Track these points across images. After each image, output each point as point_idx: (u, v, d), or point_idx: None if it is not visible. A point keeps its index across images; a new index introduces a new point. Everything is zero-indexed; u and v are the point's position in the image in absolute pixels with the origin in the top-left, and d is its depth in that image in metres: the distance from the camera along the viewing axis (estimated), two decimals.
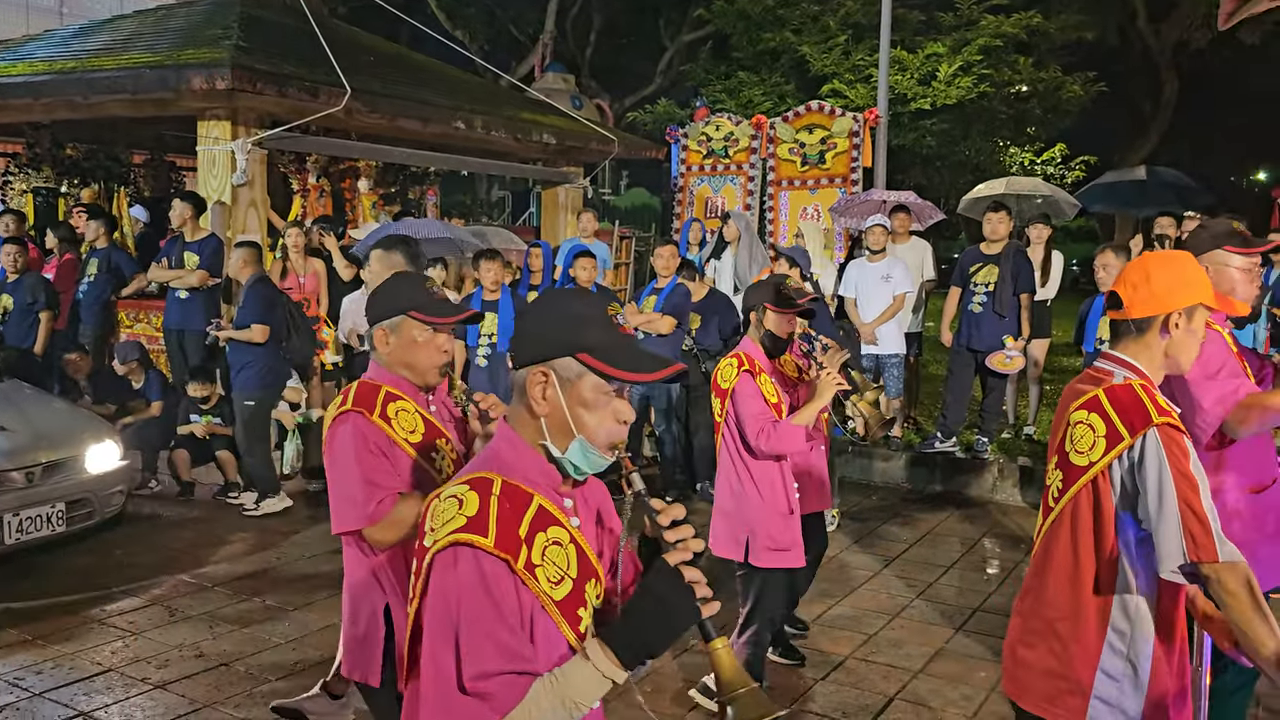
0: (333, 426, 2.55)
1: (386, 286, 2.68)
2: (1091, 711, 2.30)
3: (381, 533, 2.46)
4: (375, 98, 8.72)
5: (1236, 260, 3.24)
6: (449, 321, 2.60)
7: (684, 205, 11.67)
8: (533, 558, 1.63)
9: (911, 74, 15.29)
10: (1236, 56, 21.06)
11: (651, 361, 1.69)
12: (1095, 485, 2.29)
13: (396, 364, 2.62)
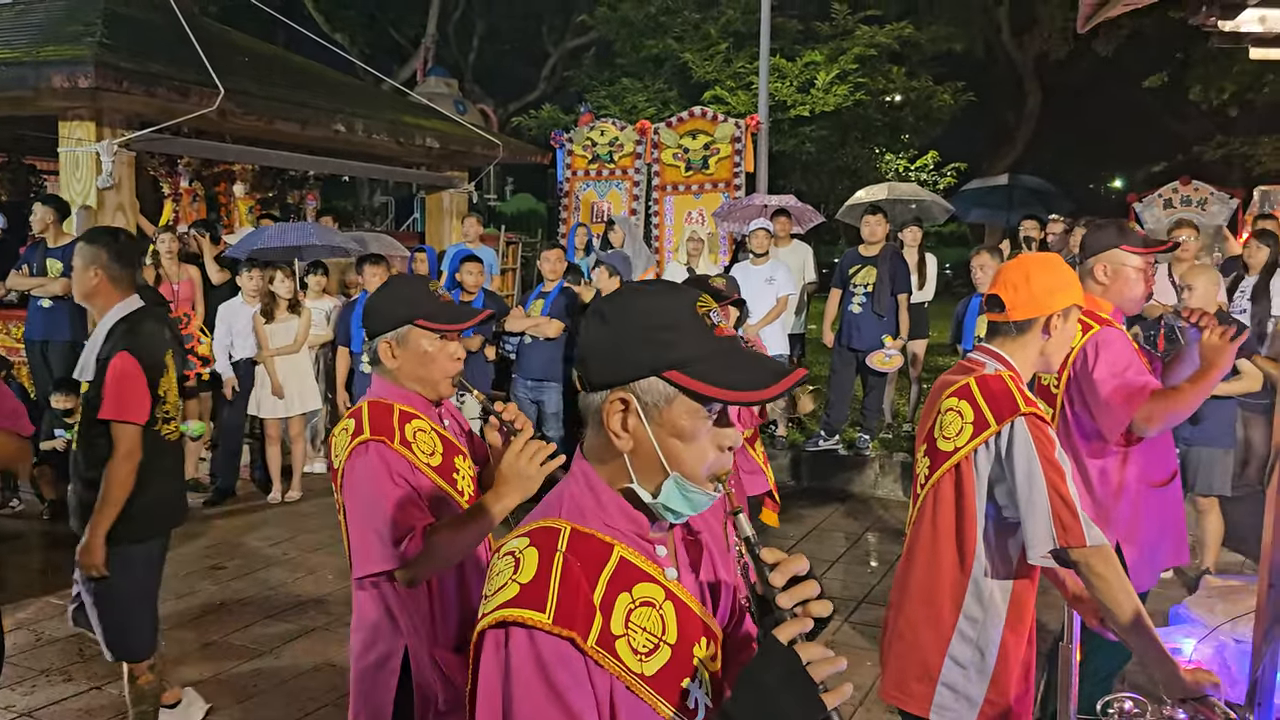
0: (352, 458, 2.30)
1: (385, 294, 2.46)
2: (937, 698, 2.36)
3: (414, 571, 2.25)
4: (250, 98, 8.46)
5: (1133, 260, 3.30)
6: (460, 327, 2.40)
7: (570, 210, 11.68)
8: (612, 627, 1.30)
9: (791, 81, 15.67)
10: (1093, 68, 22.24)
11: (764, 371, 1.33)
12: (959, 471, 2.36)
13: (407, 378, 2.40)
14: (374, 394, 2.42)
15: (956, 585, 2.35)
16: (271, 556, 6.38)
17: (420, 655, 2.33)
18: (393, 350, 2.39)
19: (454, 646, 2.36)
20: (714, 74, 16.14)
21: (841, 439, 8.19)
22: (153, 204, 10.17)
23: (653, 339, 1.32)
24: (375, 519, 2.24)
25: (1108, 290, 3.35)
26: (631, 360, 1.33)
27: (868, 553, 6.55)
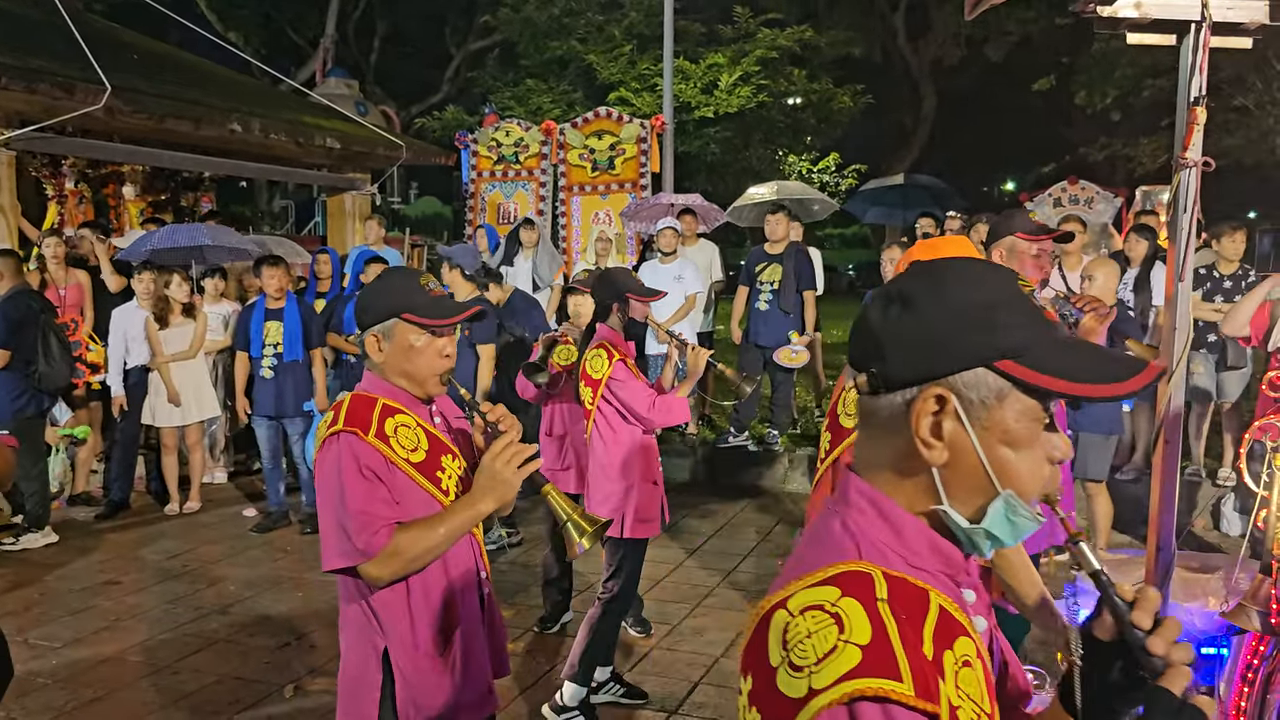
0: (322, 449, 2.24)
1: (376, 286, 2.40)
2: None
3: (377, 569, 2.16)
4: (140, 96, 8.16)
5: (1028, 246, 3.50)
6: (447, 323, 2.29)
7: (476, 212, 11.56)
8: (951, 696, 1.02)
9: (695, 83, 15.80)
10: (984, 73, 22.95)
11: (1109, 361, 1.11)
12: None
13: (393, 373, 2.31)
14: (361, 387, 2.35)
15: None
16: (170, 570, 6.16)
17: (400, 659, 2.25)
18: (379, 344, 2.31)
19: (436, 651, 2.27)
20: (618, 75, 16.18)
21: (751, 435, 8.28)
22: (36, 207, 9.72)
23: (979, 321, 1.06)
24: (339, 513, 2.17)
25: None
26: (955, 346, 1.06)
27: (778, 545, 6.63)
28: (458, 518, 2.18)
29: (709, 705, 4.32)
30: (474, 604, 2.36)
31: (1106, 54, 16.46)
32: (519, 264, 8.95)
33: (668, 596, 5.64)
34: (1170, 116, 2.73)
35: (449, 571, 2.30)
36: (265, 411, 6.89)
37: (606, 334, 4.22)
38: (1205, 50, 2.24)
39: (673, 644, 4.99)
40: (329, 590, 5.79)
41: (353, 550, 2.15)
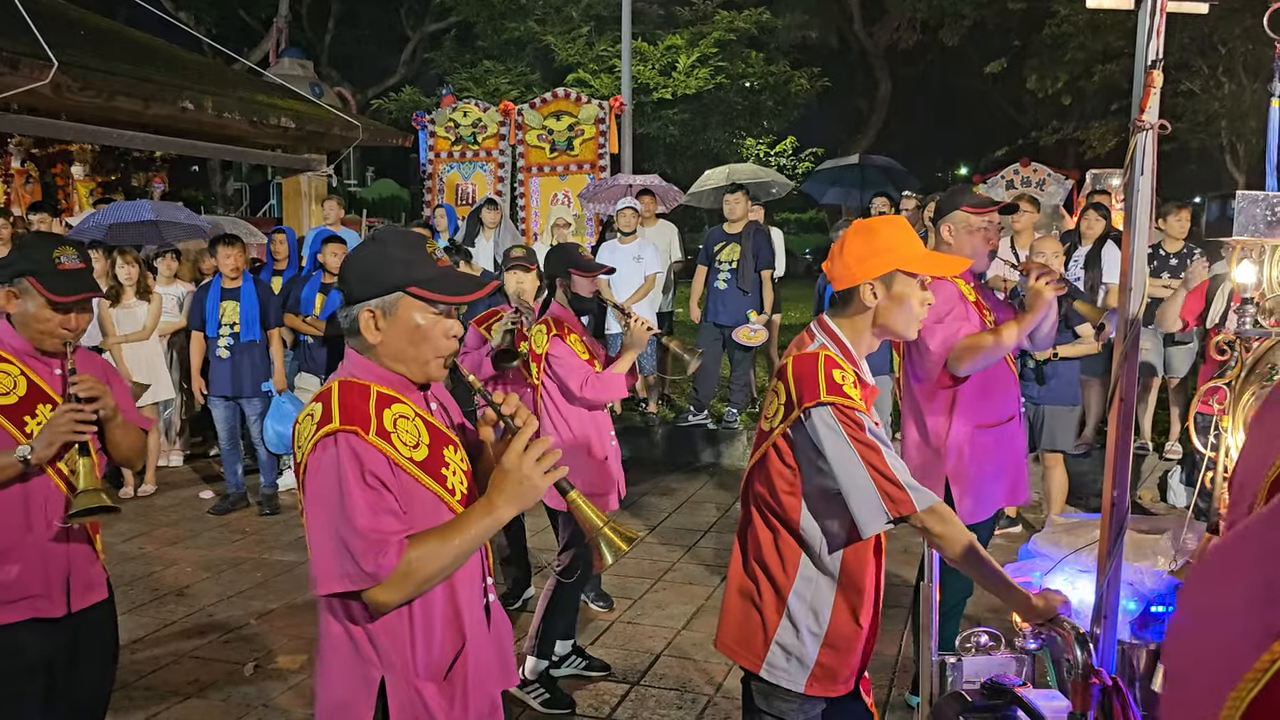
0: (316, 452, 1.89)
1: (373, 251, 2.02)
2: (770, 655, 2.40)
3: (387, 594, 1.87)
4: (88, 73, 8.01)
5: (974, 219, 3.58)
6: (463, 300, 1.99)
7: (434, 193, 11.48)
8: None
9: (653, 65, 15.79)
10: (940, 58, 23.14)
11: None
12: (778, 449, 2.36)
13: (390, 356, 1.99)
14: (347, 372, 2.01)
15: (791, 549, 2.37)
16: (126, 552, 6.09)
17: (399, 691, 1.96)
18: (376, 321, 1.97)
19: (440, 677, 2.00)
20: (576, 57, 16.11)
21: (710, 414, 8.34)
22: None
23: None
24: (341, 529, 1.85)
25: (954, 248, 3.61)
26: None
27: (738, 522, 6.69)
28: (475, 527, 1.89)
29: (670, 677, 4.37)
30: (479, 614, 2.09)
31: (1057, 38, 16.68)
32: (480, 244, 8.93)
33: (629, 572, 5.68)
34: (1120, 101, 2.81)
35: (454, 584, 2.01)
36: (222, 392, 6.82)
37: (554, 310, 4.26)
38: (1163, 14, 2.30)
39: (634, 617, 5.04)
40: (288, 570, 5.77)
41: (359, 574, 1.84)
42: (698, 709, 4.07)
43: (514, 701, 4.14)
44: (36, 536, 2.63)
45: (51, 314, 2.62)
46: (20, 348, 2.68)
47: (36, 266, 2.62)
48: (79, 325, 2.68)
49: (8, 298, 2.65)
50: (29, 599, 2.61)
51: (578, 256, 4.30)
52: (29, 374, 2.66)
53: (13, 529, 2.60)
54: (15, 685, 2.61)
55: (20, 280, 2.63)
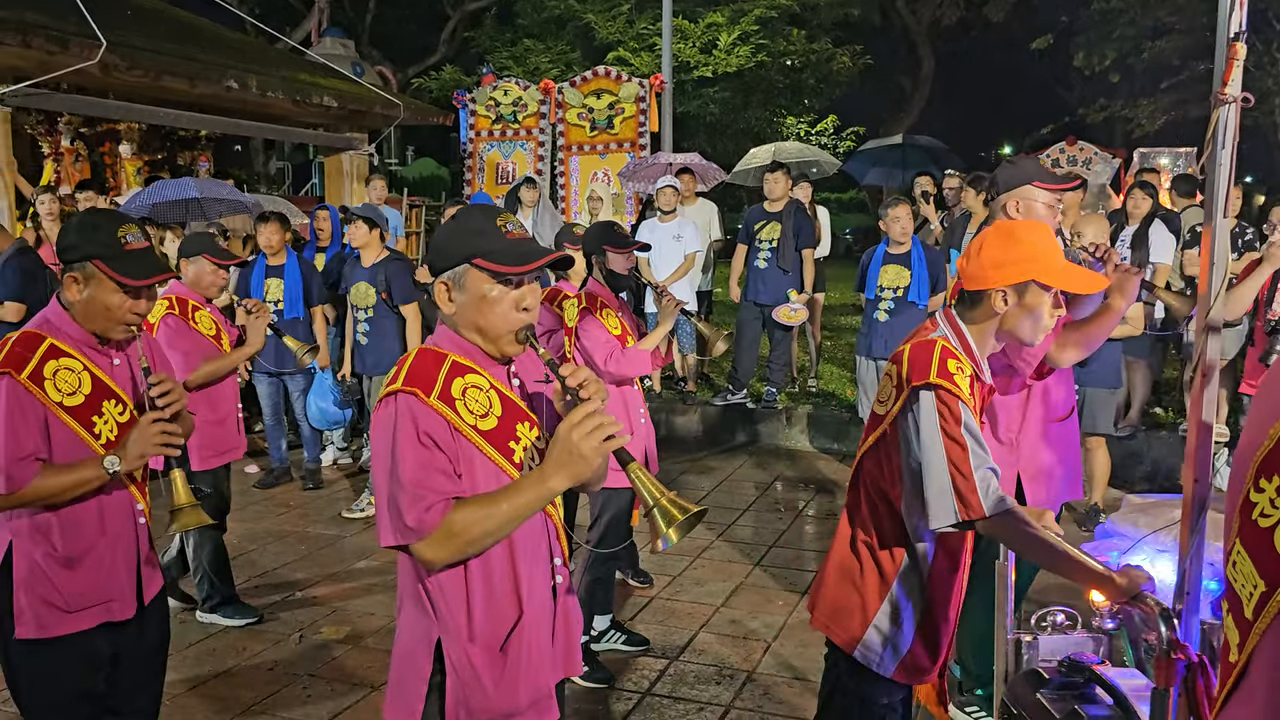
0: (379, 409, 1.97)
1: (449, 226, 2.09)
2: (866, 637, 2.39)
3: (432, 550, 1.90)
4: (136, 52, 8.12)
5: (1042, 195, 3.41)
6: (524, 270, 1.98)
7: (474, 171, 11.53)
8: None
9: (693, 42, 15.69)
10: (984, 34, 22.79)
11: None
12: (891, 433, 2.34)
13: (465, 327, 2.03)
14: (432, 340, 2.08)
15: (897, 536, 2.36)
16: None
17: (453, 652, 2.00)
18: (449, 292, 2.03)
19: (495, 647, 2.02)
20: (616, 35, 16.06)
21: (749, 393, 8.32)
22: (33, 165, 9.69)
23: None
24: (391, 483, 1.91)
25: None
26: None
27: (776, 501, 6.70)
28: (525, 495, 1.91)
29: (709, 653, 4.39)
30: (543, 594, 2.08)
31: (1106, 14, 16.37)
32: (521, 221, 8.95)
33: (668, 550, 5.70)
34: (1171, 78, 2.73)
35: (515, 555, 2.02)
36: (266, 368, 6.91)
37: (590, 286, 4.29)
38: None
39: (673, 594, 5.06)
40: (331, 544, 5.86)
41: (403, 527, 1.89)
42: (736, 685, 4.09)
43: None
44: (110, 541, 2.55)
45: (122, 299, 2.45)
46: (80, 338, 2.51)
47: (103, 249, 2.43)
48: (148, 311, 2.54)
49: (71, 284, 2.46)
50: (103, 604, 2.54)
51: (612, 233, 4.31)
52: (91, 368, 2.51)
53: (88, 536, 2.52)
54: (84, 686, 2.55)
55: (85, 265, 2.44)
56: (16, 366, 2.39)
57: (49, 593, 2.47)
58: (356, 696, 3.99)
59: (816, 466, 7.52)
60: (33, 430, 2.40)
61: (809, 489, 6.93)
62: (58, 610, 2.47)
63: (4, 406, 2.38)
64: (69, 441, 2.45)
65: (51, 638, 2.48)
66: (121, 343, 2.58)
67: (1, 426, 2.37)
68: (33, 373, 2.40)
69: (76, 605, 2.50)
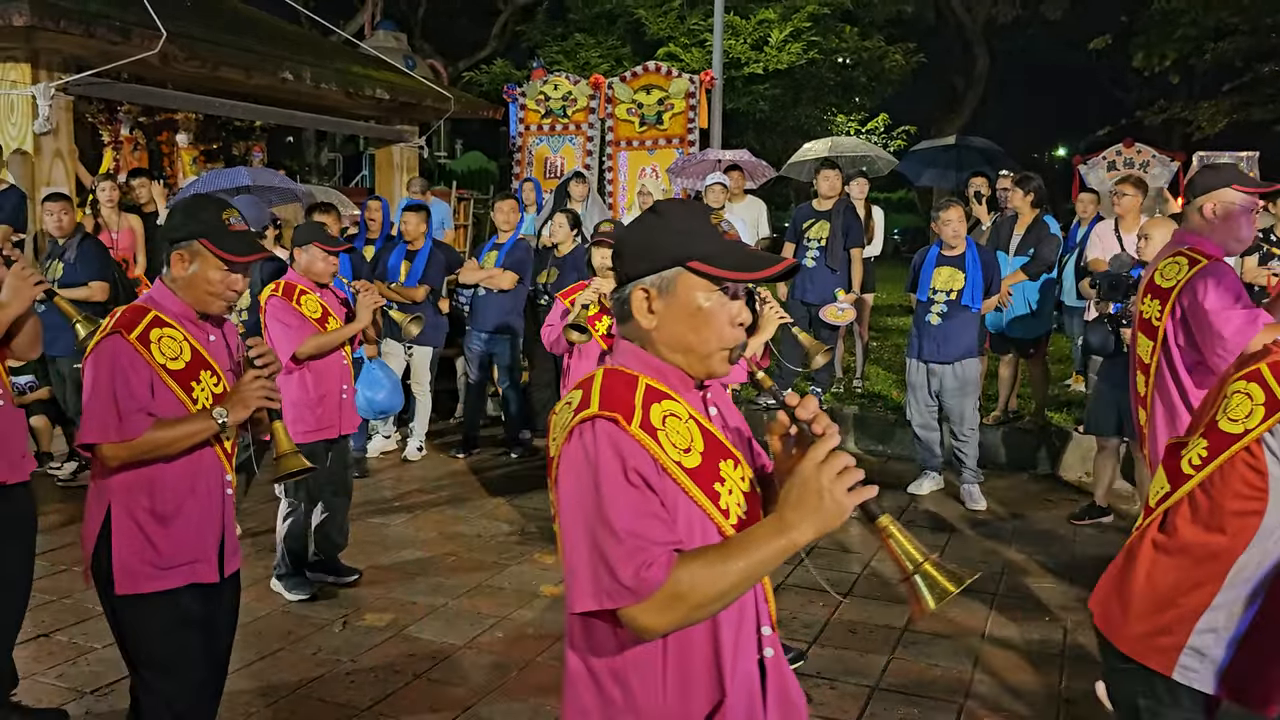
0: (570, 442, 1.61)
1: (649, 222, 1.73)
2: (1183, 659, 2.26)
3: (650, 615, 1.52)
4: (194, 43, 8.23)
5: (1240, 198, 3.42)
6: (754, 277, 1.68)
7: (523, 165, 11.57)
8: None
9: (744, 39, 15.63)
10: (1040, 33, 22.44)
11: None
12: (1250, 452, 2.20)
13: (667, 345, 1.68)
14: (615, 361, 1.73)
15: (1228, 555, 2.22)
16: None
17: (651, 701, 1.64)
18: (650, 302, 1.67)
19: None
20: (667, 31, 16.05)
21: (794, 392, 8.26)
22: (92, 152, 9.89)
23: None
24: (598, 533, 1.54)
25: (1214, 229, 3.46)
26: None
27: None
28: (762, 549, 1.52)
29: None
30: (748, 670, 1.70)
31: (1167, 14, 16.04)
32: None
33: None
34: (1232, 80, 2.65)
35: (716, 620, 1.64)
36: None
37: None
38: None
39: None
40: (375, 532, 5.91)
41: (617, 588, 1.52)
42: None
43: None
44: (198, 502, 2.70)
45: (224, 275, 2.64)
46: (180, 313, 2.70)
47: (208, 229, 2.64)
48: (243, 288, 2.73)
49: (178, 261, 2.67)
50: (190, 564, 2.69)
51: None
52: (190, 340, 2.69)
53: (180, 493, 2.67)
54: (183, 638, 2.71)
55: (191, 243, 2.65)
56: (126, 328, 2.60)
57: (144, 549, 2.63)
58: (399, 683, 4.02)
59: (860, 468, 7.43)
60: (144, 385, 2.58)
61: None
62: (152, 567, 2.64)
63: (114, 362, 2.57)
64: (171, 404, 2.63)
65: (147, 593, 2.64)
66: (218, 319, 2.77)
67: (116, 380, 2.56)
68: (140, 335, 2.60)
69: (167, 563, 2.65)
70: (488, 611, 4.74)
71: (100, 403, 2.56)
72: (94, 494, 2.72)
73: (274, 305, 4.78)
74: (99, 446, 2.58)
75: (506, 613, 4.72)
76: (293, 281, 4.89)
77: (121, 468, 2.61)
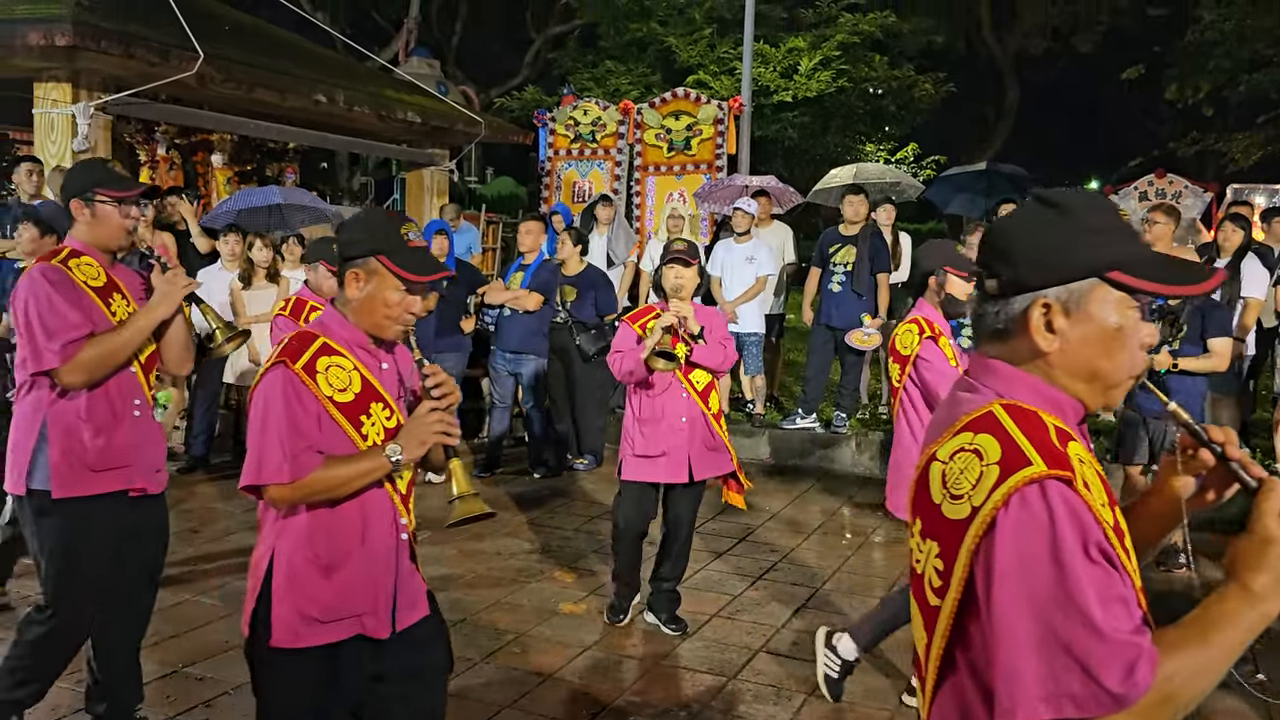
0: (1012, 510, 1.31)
1: (1045, 220, 1.44)
2: None
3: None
4: (230, 65, 8.38)
5: None
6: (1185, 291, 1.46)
7: (551, 190, 11.64)
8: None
9: (774, 67, 15.71)
10: (1072, 65, 22.39)
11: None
12: None
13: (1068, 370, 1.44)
14: (1000, 391, 1.44)
15: None
16: (248, 521, 6.33)
17: None
18: (1052, 319, 1.41)
19: None
20: (697, 58, 16.16)
21: (818, 418, 8.23)
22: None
23: None
24: (1063, 624, 1.26)
25: None
26: None
27: (843, 525, 6.60)
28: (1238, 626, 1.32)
29: (767, 674, 4.32)
30: None
31: (1201, 46, 15.96)
32: (594, 240, 9.00)
33: (728, 568, 5.65)
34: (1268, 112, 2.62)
35: None
36: None
37: (924, 310, 3.92)
38: None
39: (732, 613, 5.00)
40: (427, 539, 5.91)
41: (1099, 694, 1.25)
42: (794, 707, 4.01)
43: None
44: (369, 549, 2.43)
45: (401, 296, 2.38)
46: (351, 339, 2.44)
47: (386, 244, 2.39)
48: (421, 311, 2.46)
49: (352, 281, 2.41)
50: (357, 617, 2.42)
51: (955, 256, 3.93)
52: (361, 369, 2.43)
53: (348, 540, 2.40)
54: (321, 702, 2.44)
55: (368, 260, 2.39)
56: (292, 357, 2.35)
57: (305, 602, 2.37)
58: None
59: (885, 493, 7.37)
60: (312, 420, 2.34)
61: (877, 515, 6.80)
62: (312, 620, 2.38)
63: (282, 395, 2.33)
64: (338, 439, 2.37)
65: (302, 648, 2.38)
66: (390, 345, 2.52)
67: (281, 415, 2.32)
68: (306, 364, 2.35)
69: (330, 615, 2.38)
70: (506, 627, 4.73)
71: (266, 441, 2.32)
72: (259, 540, 2.46)
73: (279, 323, 4.71)
74: (265, 488, 2.33)
75: (525, 629, 4.71)
76: (303, 299, 4.84)
77: (287, 511, 2.38)
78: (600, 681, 4.22)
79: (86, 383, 3.10)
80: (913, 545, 1.47)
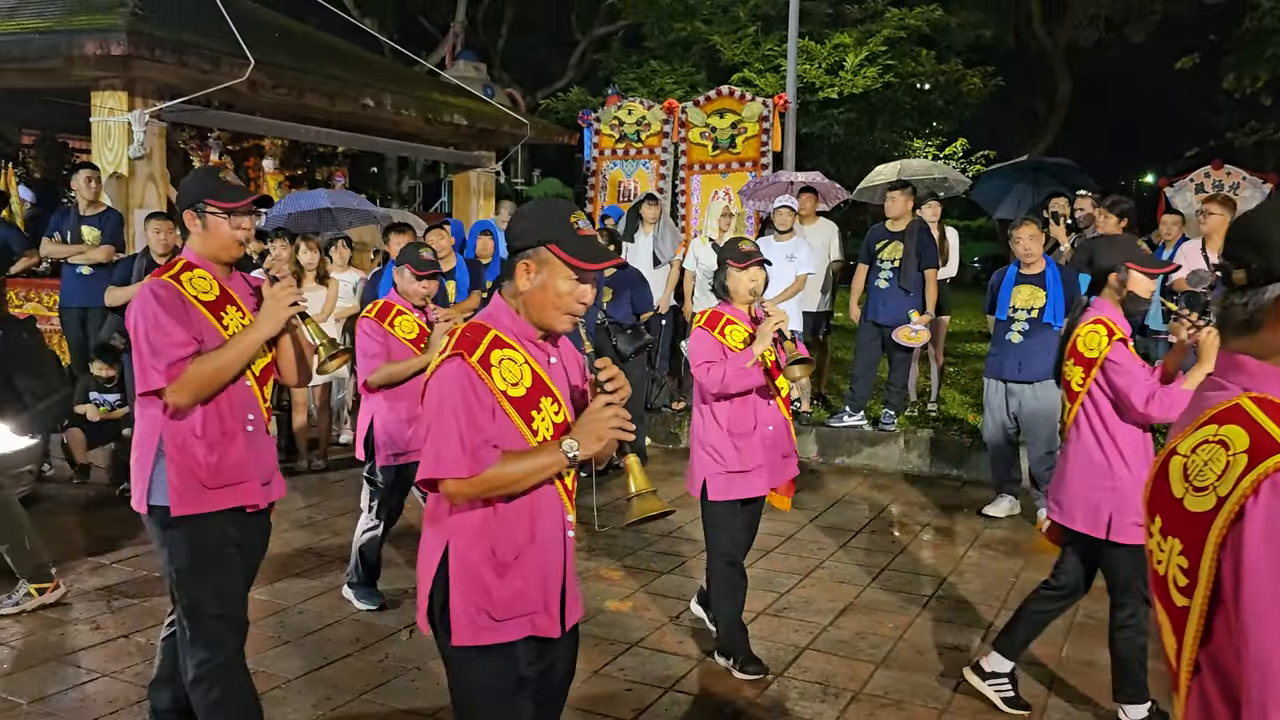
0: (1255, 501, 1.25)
1: None
2: None
3: None
4: (280, 71, 8.53)
5: None
6: None
7: (597, 190, 11.68)
8: None
9: (819, 63, 15.60)
10: (1125, 55, 21.96)
11: None
12: None
13: None
14: (1254, 386, 1.38)
15: None
16: (299, 519, 6.44)
17: None
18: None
19: None
20: (742, 56, 16.11)
21: (866, 415, 8.16)
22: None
23: None
24: None
25: None
26: None
27: (891, 523, 6.54)
28: None
29: (814, 670, 4.29)
30: None
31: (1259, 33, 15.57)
32: (639, 240, 9.00)
33: (776, 566, 5.63)
34: None
35: None
36: None
37: (1104, 308, 3.68)
38: None
39: (780, 609, 4.98)
40: None
41: None
42: (841, 704, 3.98)
43: None
44: (539, 549, 2.38)
45: (572, 286, 2.31)
46: (521, 333, 2.39)
47: (557, 233, 2.31)
48: (591, 301, 2.38)
49: (522, 272, 2.34)
50: (529, 615, 2.38)
51: (1138, 250, 3.72)
52: (531, 363, 2.37)
53: (521, 537, 2.36)
54: (513, 702, 2.43)
55: (538, 250, 2.32)
56: (468, 349, 2.30)
57: (482, 599, 2.34)
58: None
59: (934, 491, 7.30)
60: (488, 414, 2.29)
61: (927, 513, 6.73)
62: (489, 618, 2.34)
63: (459, 387, 2.27)
64: (510, 434, 2.32)
65: (483, 645, 2.35)
66: (558, 338, 2.46)
67: (460, 408, 2.26)
68: (482, 357, 2.30)
69: (504, 614, 2.35)
70: None
71: (445, 434, 2.25)
72: (430, 534, 2.42)
73: (364, 326, 4.75)
74: (443, 482, 2.27)
75: None
76: (390, 302, 4.88)
77: (463, 506, 2.33)
78: (646, 678, 4.22)
79: (193, 402, 3.04)
80: (1152, 546, 1.41)
